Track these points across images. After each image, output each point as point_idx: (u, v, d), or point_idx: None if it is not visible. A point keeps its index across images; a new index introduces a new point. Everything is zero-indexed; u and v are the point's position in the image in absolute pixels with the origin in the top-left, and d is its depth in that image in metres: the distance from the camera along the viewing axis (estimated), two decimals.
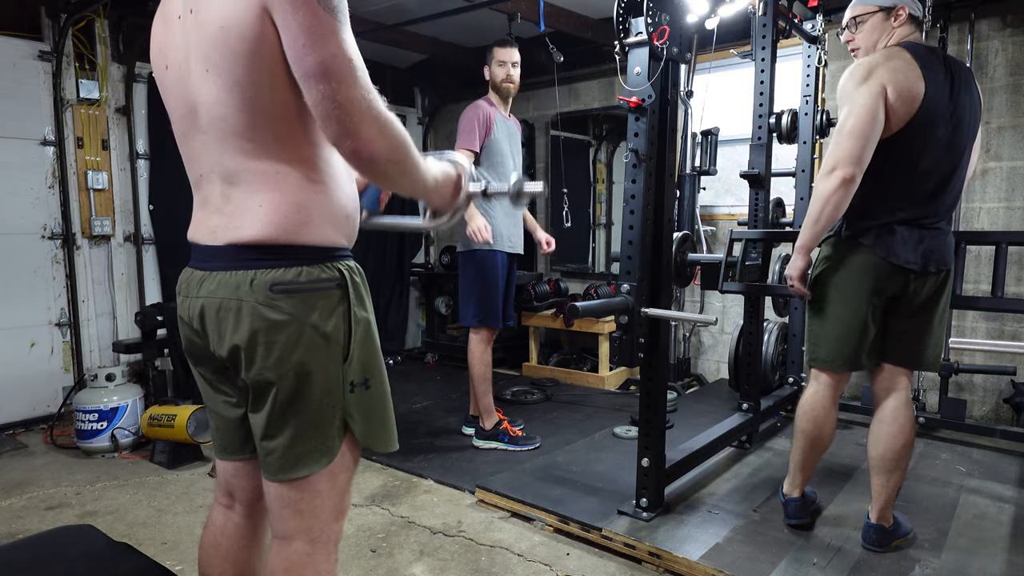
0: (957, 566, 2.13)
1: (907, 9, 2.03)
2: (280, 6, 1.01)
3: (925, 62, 1.95)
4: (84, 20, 3.87)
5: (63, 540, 1.73)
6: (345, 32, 1.03)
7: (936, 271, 2.06)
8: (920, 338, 2.13)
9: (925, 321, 2.11)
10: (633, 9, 2.21)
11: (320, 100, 1.02)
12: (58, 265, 3.93)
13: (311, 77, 1.02)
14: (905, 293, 2.07)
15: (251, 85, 1.07)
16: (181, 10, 1.12)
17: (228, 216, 1.14)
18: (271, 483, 1.21)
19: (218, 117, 1.11)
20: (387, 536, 2.47)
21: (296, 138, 1.12)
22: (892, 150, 1.97)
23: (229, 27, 1.04)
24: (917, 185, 2.00)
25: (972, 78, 2.08)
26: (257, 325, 1.12)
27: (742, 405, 3.29)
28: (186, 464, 3.21)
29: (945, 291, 2.11)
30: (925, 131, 1.95)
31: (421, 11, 4.16)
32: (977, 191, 3.68)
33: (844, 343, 2.12)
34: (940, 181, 2.03)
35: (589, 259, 5.48)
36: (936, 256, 2.04)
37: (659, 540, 2.27)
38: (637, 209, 2.31)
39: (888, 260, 2.02)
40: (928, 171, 2.00)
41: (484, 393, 3.32)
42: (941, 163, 2.01)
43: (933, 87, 1.93)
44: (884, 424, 2.15)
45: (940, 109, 1.95)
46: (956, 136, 2.01)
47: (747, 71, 3.76)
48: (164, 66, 1.18)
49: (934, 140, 1.97)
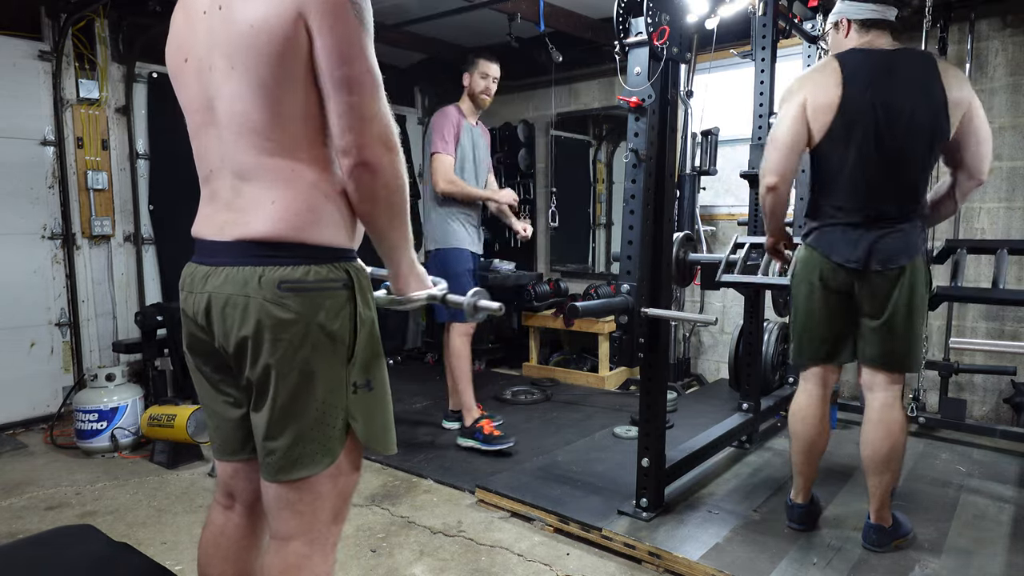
0: (957, 566, 2.13)
1: (847, 18, 2.11)
2: (320, 15, 1.04)
3: (850, 68, 2.04)
4: (84, 20, 3.86)
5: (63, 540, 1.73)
6: (372, 47, 1.08)
7: (882, 270, 2.06)
8: (884, 338, 2.12)
9: (887, 321, 2.10)
10: (633, 9, 2.21)
11: (346, 111, 1.08)
12: (58, 265, 3.93)
13: (342, 88, 1.07)
14: (856, 291, 2.12)
15: (275, 85, 1.08)
16: (207, 5, 1.13)
17: (238, 212, 1.14)
18: (270, 484, 1.20)
19: (238, 113, 1.11)
20: (387, 536, 2.47)
21: (313, 138, 1.13)
22: (824, 156, 2.12)
23: (260, 27, 1.06)
24: (855, 185, 2.08)
25: (931, 70, 2.02)
26: (264, 322, 1.12)
27: (742, 405, 3.29)
28: (186, 464, 3.21)
29: (900, 291, 2.07)
30: (846, 134, 2.05)
31: (421, 11, 4.16)
32: (977, 191, 3.66)
33: (805, 337, 2.25)
34: (881, 179, 2.05)
35: (589, 259, 5.48)
36: (882, 255, 2.05)
37: (659, 540, 2.27)
38: (637, 209, 2.31)
39: (829, 257, 2.12)
40: (861, 171, 2.06)
41: (465, 390, 3.33)
42: (874, 162, 2.04)
43: (851, 91, 2.02)
44: (870, 425, 2.16)
45: (859, 110, 2.02)
46: (891, 132, 2.01)
47: (747, 71, 3.76)
48: (183, 59, 1.18)
49: (858, 141, 2.04)
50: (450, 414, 3.58)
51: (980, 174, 2.09)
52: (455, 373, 3.35)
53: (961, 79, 2.05)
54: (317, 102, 1.11)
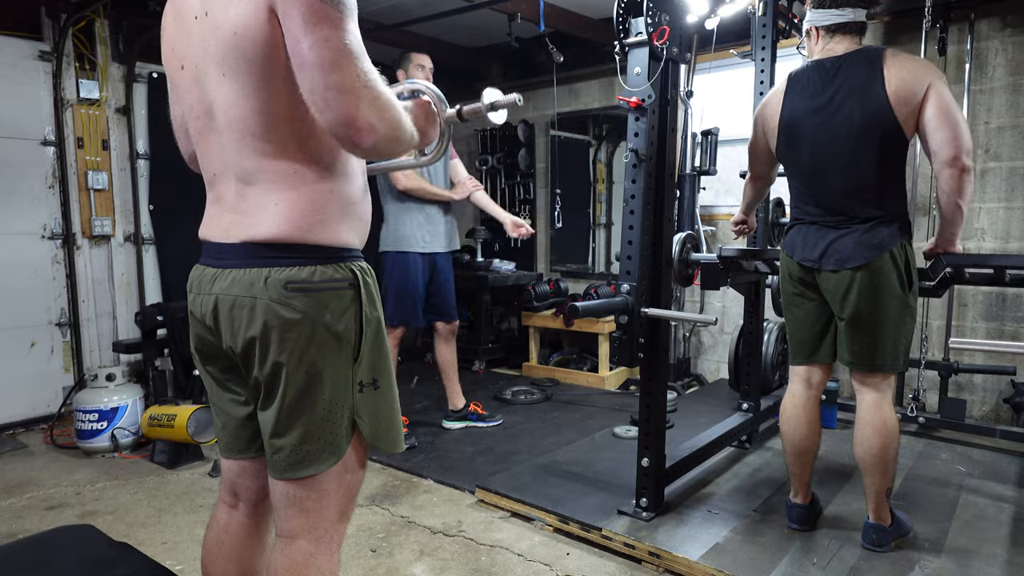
0: (957, 566, 2.13)
1: (815, 26, 2.17)
2: (283, 3, 1.01)
3: (793, 82, 2.20)
4: (84, 20, 3.87)
5: (63, 540, 1.73)
6: (345, 22, 1.02)
7: (837, 269, 2.09)
8: (851, 337, 2.13)
9: (851, 320, 2.11)
10: (633, 9, 2.21)
11: (311, 87, 1.00)
12: (58, 265, 3.93)
13: (303, 66, 1.01)
14: (820, 289, 2.19)
15: (267, 88, 1.08)
16: (197, 11, 1.12)
17: (243, 214, 1.14)
18: (277, 481, 1.21)
19: (236, 119, 1.11)
20: (387, 536, 2.47)
21: (313, 139, 1.13)
22: (784, 163, 2.30)
23: (242, 33, 1.05)
24: (811, 189, 2.18)
25: (874, 67, 2.00)
26: (271, 323, 1.12)
27: (742, 405, 3.29)
28: (186, 464, 3.21)
29: (860, 290, 2.06)
30: (788, 142, 2.21)
31: (421, 11, 4.16)
32: (977, 191, 3.67)
33: (790, 334, 2.36)
34: (831, 182, 2.12)
35: (589, 259, 5.48)
36: (836, 255, 2.09)
37: (659, 540, 2.27)
38: (637, 209, 2.31)
39: (792, 256, 2.23)
40: (809, 176, 2.18)
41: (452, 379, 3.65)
42: (819, 166, 2.13)
43: (790, 103, 2.19)
44: (860, 425, 2.16)
45: (796, 121, 2.16)
46: (829, 136, 2.09)
47: (747, 71, 3.76)
48: (180, 66, 1.18)
49: (798, 147, 2.18)
50: (450, 414, 3.65)
51: (943, 158, 1.96)
52: (443, 366, 3.58)
53: (911, 68, 1.99)
54: None
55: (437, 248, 3.44)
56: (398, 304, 3.35)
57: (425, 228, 3.38)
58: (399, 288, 3.34)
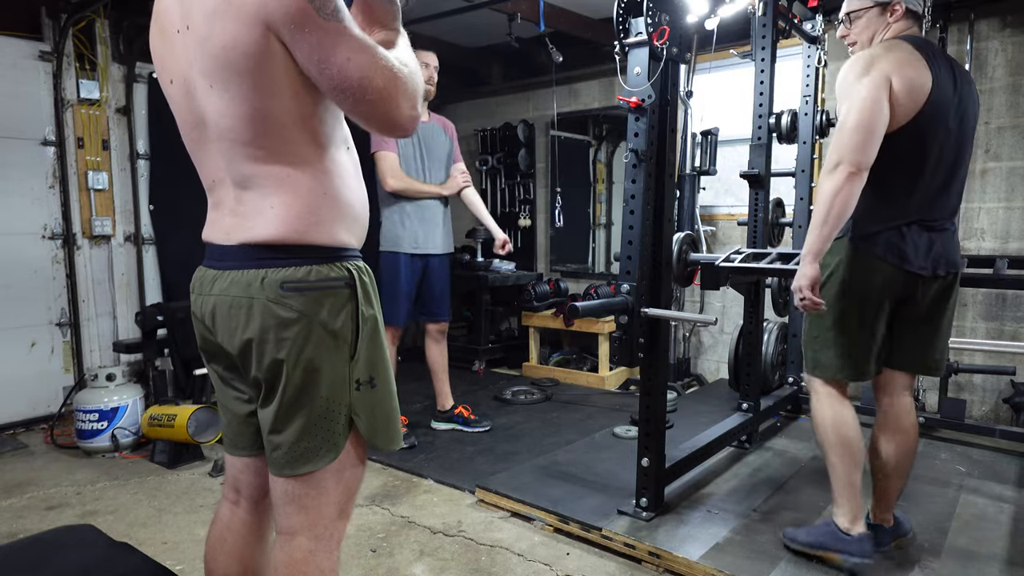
0: (957, 566, 2.13)
1: (903, 4, 1.94)
2: (286, 27, 1.03)
3: (929, 54, 1.87)
4: (84, 20, 3.87)
5: (63, 540, 1.73)
6: (351, 29, 1.05)
7: (945, 274, 1.97)
8: (928, 343, 2.05)
9: (933, 326, 2.03)
10: (633, 9, 2.21)
11: (352, 106, 1.08)
12: (58, 265, 3.93)
13: (335, 90, 1.06)
14: (913, 297, 1.98)
15: (257, 98, 1.09)
16: (179, 25, 1.13)
17: (241, 217, 1.17)
18: (277, 478, 1.22)
19: (227, 129, 1.12)
20: (387, 536, 2.47)
21: (305, 142, 1.14)
22: (898, 146, 1.85)
23: (232, 47, 1.06)
24: (925, 183, 1.91)
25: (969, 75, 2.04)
26: (268, 322, 1.14)
27: (742, 405, 3.29)
28: (186, 464, 3.21)
29: (952, 294, 2.03)
30: (933, 125, 1.85)
31: (421, 11, 4.16)
32: (977, 191, 3.68)
33: (851, 354, 2.01)
34: (946, 179, 1.94)
35: (589, 259, 5.48)
36: (945, 259, 1.96)
37: (659, 540, 2.27)
38: (637, 209, 2.31)
39: (902, 267, 1.92)
40: (935, 168, 1.91)
41: (442, 379, 3.66)
42: (947, 160, 1.92)
43: (939, 79, 1.84)
44: (888, 430, 2.10)
45: (947, 102, 1.86)
46: (962, 131, 1.93)
47: (747, 71, 3.76)
48: (169, 80, 1.19)
49: (942, 134, 1.88)
50: (438, 414, 3.67)
51: None
52: (432, 366, 3.59)
53: None
54: (311, 102, 1.12)
55: (431, 249, 3.41)
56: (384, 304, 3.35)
57: (419, 229, 3.36)
58: (385, 287, 3.33)
